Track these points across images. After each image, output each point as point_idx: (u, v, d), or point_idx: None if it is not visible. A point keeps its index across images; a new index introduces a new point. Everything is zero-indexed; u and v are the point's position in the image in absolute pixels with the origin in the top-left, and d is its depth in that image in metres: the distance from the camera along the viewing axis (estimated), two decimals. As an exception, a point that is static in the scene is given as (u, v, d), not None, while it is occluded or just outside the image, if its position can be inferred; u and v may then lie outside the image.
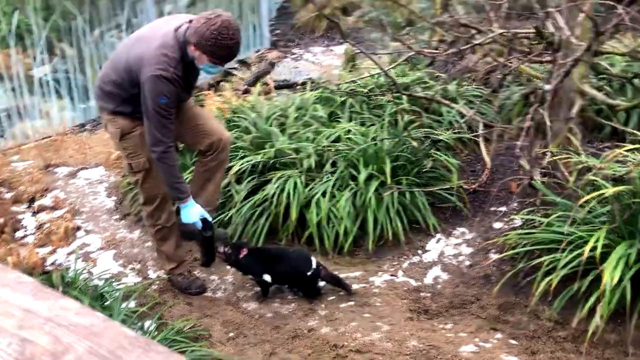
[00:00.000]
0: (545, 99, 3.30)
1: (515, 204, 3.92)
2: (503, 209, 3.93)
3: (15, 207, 4.58)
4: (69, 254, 3.96)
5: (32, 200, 4.66)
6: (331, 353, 2.93)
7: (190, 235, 3.46)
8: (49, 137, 5.94)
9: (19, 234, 4.26)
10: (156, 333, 3.00)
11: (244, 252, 3.37)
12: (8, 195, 4.73)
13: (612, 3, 3.04)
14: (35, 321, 0.70)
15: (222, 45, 2.80)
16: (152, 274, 3.76)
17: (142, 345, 0.66)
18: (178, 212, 3.33)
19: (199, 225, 3.23)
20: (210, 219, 3.29)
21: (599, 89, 4.72)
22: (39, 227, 4.28)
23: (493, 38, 4.02)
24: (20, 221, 4.41)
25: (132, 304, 3.29)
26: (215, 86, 7.37)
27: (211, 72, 3.09)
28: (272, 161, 4.16)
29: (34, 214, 4.49)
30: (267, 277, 3.39)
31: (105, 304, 3.20)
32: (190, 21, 2.90)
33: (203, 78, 7.56)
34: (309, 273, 3.32)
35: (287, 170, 4.06)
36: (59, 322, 0.70)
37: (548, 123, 3.05)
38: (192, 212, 3.19)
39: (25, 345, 0.64)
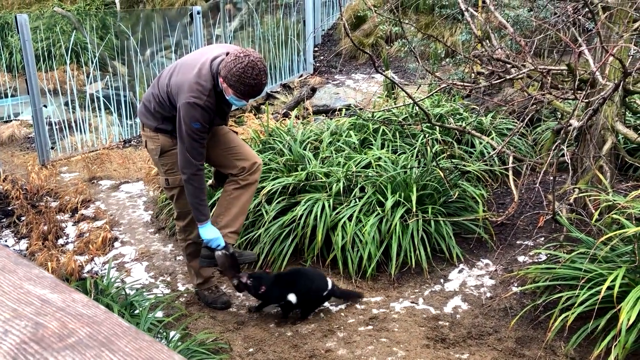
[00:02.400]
0: (573, 135, 3.32)
1: (542, 239, 3.93)
2: (529, 242, 3.93)
3: (59, 216, 4.84)
4: (105, 263, 4.16)
5: (75, 210, 4.91)
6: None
7: (209, 262, 3.52)
8: (96, 150, 6.24)
9: (60, 241, 4.50)
10: (179, 343, 3.12)
11: (263, 288, 3.44)
12: (54, 204, 5.00)
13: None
14: (49, 309, 0.82)
15: (245, 83, 2.98)
16: (181, 287, 3.92)
17: (132, 334, 0.77)
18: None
19: (221, 243, 3.36)
20: (222, 244, 3.39)
21: (636, 128, 4.69)
22: (79, 235, 4.52)
23: (526, 73, 4.07)
24: (63, 229, 4.66)
25: (159, 314, 3.44)
26: (257, 109, 7.61)
27: (236, 104, 3.25)
28: (302, 184, 4.29)
29: (76, 223, 4.73)
30: (292, 298, 3.49)
31: (134, 312, 3.36)
32: (227, 54, 3.09)
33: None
34: (325, 293, 3.45)
35: (316, 193, 4.18)
36: (68, 312, 0.82)
37: (568, 160, 3.07)
38: (210, 232, 3.36)
39: (38, 327, 0.77)
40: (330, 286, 3.50)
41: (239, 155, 3.50)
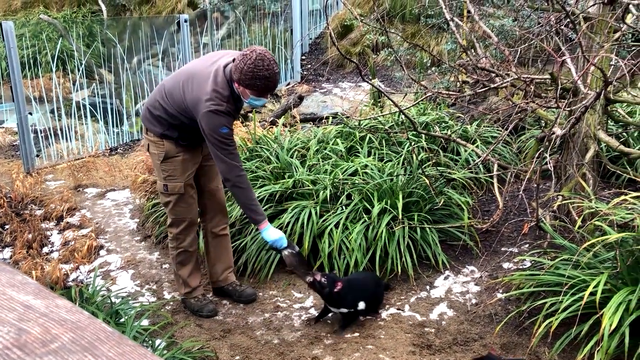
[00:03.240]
0: (556, 143, 3.37)
1: (526, 245, 3.97)
2: (513, 249, 3.97)
3: (44, 224, 4.81)
4: (90, 271, 4.13)
5: (60, 218, 4.88)
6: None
7: (292, 267, 3.59)
8: (82, 158, 6.21)
9: (45, 249, 4.46)
10: (165, 351, 3.11)
11: (339, 285, 3.38)
12: (39, 213, 4.97)
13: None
14: (32, 315, 0.83)
15: (260, 76, 2.97)
16: (167, 295, 3.90)
17: (116, 339, 0.78)
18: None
19: (284, 243, 3.41)
20: (285, 243, 3.44)
21: (618, 136, 4.76)
22: (65, 244, 4.49)
23: (510, 82, 4.13)
24: (47, 237, 4.63)
25: (145, 322, 3.42)
26: (244, 116, 7.61)
27: (256, 104, 3.23)
28: (289, 191, 4.30)
29: (61, 231, 4.70)
30: (361, 305, 3.47)
31: (120, 320, 3.34)
32: (234, 60, 3.11)
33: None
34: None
35: (303, 201, 4.19)
36: (52, 317, 0.82)
37: (551, 167, 3.12)
38: (272, 232, 3.38)
39: (20, 333, 0.77)
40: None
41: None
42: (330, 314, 3.57)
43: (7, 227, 4.67)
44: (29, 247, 4.38)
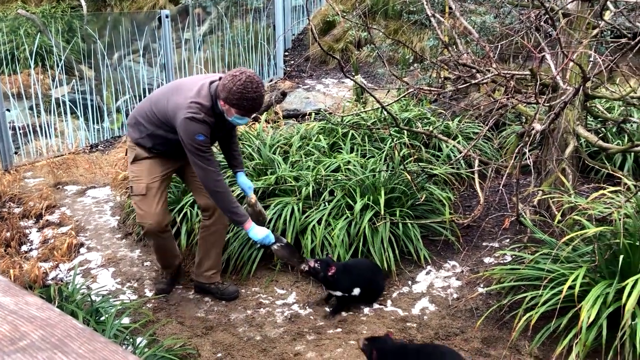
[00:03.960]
0: (536, 139, 3.40)
1: (507, 240, 4.00)
2: (494, 244, 4.00)
3: (23, 222, 4.74)
4: (70, 269, 4.08)
5: (39, 216, 4.82)
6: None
7: (285, 259, 3.68)
8: (62, 155, 6.14)
9: (24, 248, 4.40)
10: (146, 349, 3.08)
11: (332, 269, 3.47)
12: (17, 210, 4.89)
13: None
14: (0, 313, 0.81)
15: (248, 98, 3.07)
16: (149, 293, 3.87)
17: (87, 335, 0.77)
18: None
19: (272, 238, 3.45)
20: (273, 238, 3.48)
21: (597, 132, 4.82)
22: (44, 242, 4.43)
23: (491, 78, 4.15)
24: (26, 235, 4.56)
25: (126, 320, 3.39)
26: (226, 113, 7.58)
27: (239, 123, 3.33)
28: (272, 187, 4.28)
29: (40, 229, 4.64)
30: (356, 291, 3.53)
31: (100, 319, 3.30)
32: (220, 78, 3.20)
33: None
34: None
35: (285, 197, 4.19)
36: (21, 315, 0.81)
37: (531, 163, 3.14)
38: (258, 231, 3.42)
39: (-12, 331, 0.76)
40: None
41: (202, 191, 3.55)
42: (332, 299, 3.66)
43: (-16, 225, 4.59)
44: (7, 245, 4.31)
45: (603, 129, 4.90)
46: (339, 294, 3.56)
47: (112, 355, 0.73)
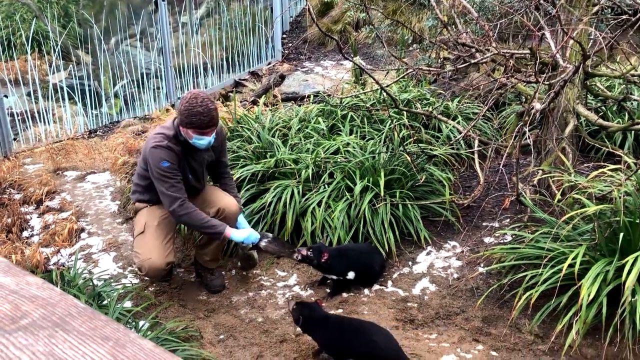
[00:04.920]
0: (536, 118, 3.38)
1: (507, 220, 4.01)
2: (494, 224, 4.01)
3: (24, 208, 4.74)
4: (72, 254, 4.09)
5: (40, 202, 4.82)
6: (316, 358, 3.02)
7: (276, 253, 3.73)
8: (61, 141, 6.12)
9: (25, 233, 4.41)
10: (149, 332, 3.11)
11: (325, 256, 3.49)
12: (17, 197, 4.89)
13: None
14: (1, 292, 0.81)
15: (195, 113, 3.16)
16: (150, 276, 3.88)
17: (88, 314, 0.77)
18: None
19: (256, 235, 3.47)
20: (257, 236, 3.51)
21: (597, 110, 4.80)
22: (45, 227, 4.43)
23: (490, 57, 4.13)
24: (27, 221, 4.57)
25: (128, 304, 3.41)
26: (225, 97, 7.55)
27: (200, 144, 3.32)
28: (271, 171, 4.28)
29: (41, 215, 4.64)
30: (351, 275, 3.56)
31: (103, 303, 3.32)
32: None
33: (216, 88, 7.74)
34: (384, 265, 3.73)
35: (285, 180, 4.18)
36: (22, 294, 0.81)
37: (531, 142, 3.13)
38: (240, 233, 3.44)
39: (-11, 310, 0.76)
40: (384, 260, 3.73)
41: (206, 204, 3.57)
42: (328, 281, 3.69)
43: (-15, 211, 4.60)
44: (9, 231, 4.32)
45: (603, 108, 4.88)
46: (334, 277, 3.59)
47: (113, 333, 0.73)
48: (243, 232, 3.47)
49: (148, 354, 0.69)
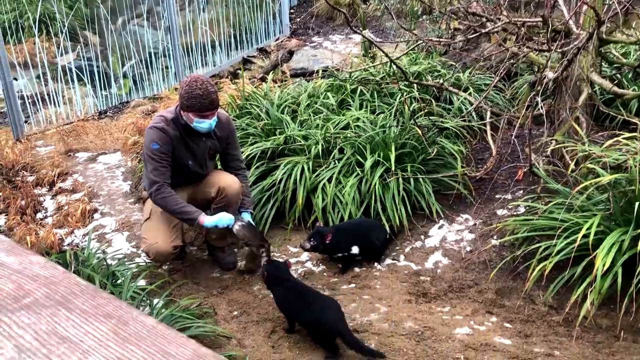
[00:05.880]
0: (549, 87, 3.32)
1: (520, 192, 3.97)
2: (507, 196, 3.97)
3: (37, 190, 4.78)
4: (85, 234, 4.13)
5: (52, 184, 4.85)
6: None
7: (245, 239, 3.49)
8: (71, 123, 6.14)
9: (39, 215, 4.45)
10: (164, 310, 3.13)
11: (329, 237, 3.49)
12: (30, 179, 4.93)
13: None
14: (4, 272, 0.80)
15: (195, 96, 3.18)
16: (164, 255, 3.90)
17: (90, 292, 0.76)
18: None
19: (230, 218, 3.33)
20: (230, 220, 3.36)
21: (612, 78, 4.70)
22: (58, 209, 4.47)
23: (501, 26, 4.04)
24: (41, 203, 4.60)
25: (142, 283, 3.43)
26: (233, 74, 7.50)
27: (201, 127, 3.31)
28: (281, 147, 4.26)
29: (54, 196, 4.68)
30: (355, 250, 3.56)
31: (117, 282, 3.35)
32: None
33: (224, 65, 7.69)
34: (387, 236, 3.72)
35: (295, 157, 4.16)
36: (25, 274, 0.80)
37: (543, 112, 3.08)
38: (220, 218, 3.31)
39: (-8, 290, 0.75)
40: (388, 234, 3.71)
41: (207, 185, 3.56)
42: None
43: (-1, 194, 4.64)
44: (23, 213, 4.36)
45: (618, 75, 4.78)
46: (339, 254, 3.60)
47: (116, 310, 0.73)
48: (214, 217, 3.34)
49: (150, 331, 0.68)
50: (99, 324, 0.70)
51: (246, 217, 3.51)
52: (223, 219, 3.32)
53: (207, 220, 3.31)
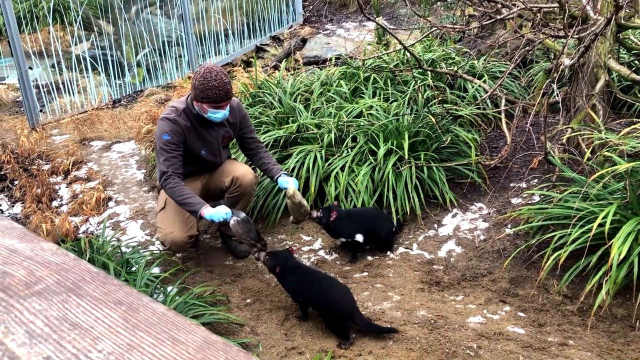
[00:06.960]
0: (565, 74, 3.27)
1: (535, 180, 3.93)
2: (522, 184, 3.93)
3: (52, 178, 4.82)
4: (100, 222, 4.16)
5: (67, 172, 4.89)
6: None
7: (238, 235, 3.41)
8: (86, 111, 6.17)
9: (54, 203, 4.49)
10: (177, 297, 3.15)
11: (334, 214, 3.48)
12: (46, 167, 4.97)
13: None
14: (16, 259, 0.81)
15: (210, 87, 3.16)
16: (177, 243, 3.92)
17: (101, 279, 0.76)
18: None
19: (227, 212, 3.25)
20: (227, 214, 3.27)
21: (630, 64, 4.62)
22: (73, 197, 4.51)
23: (517, 12, 3.98)
24: (56, 191, 4.65)
25: (156, 270, 3.46)
26: (246, 63, 7.49)
27: (215, 118, 3.30)
28: (293, 136, 4.25)
29: (69, 184, 4.72)
30: (359, 238, 3.53)
31: (131, 269, 3.38)
32: None
33: (237, 54, 7.68)
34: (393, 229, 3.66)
35: (308, 145, 4.15)
36: (36, 260, 0.81)
37: (559, 99, 3.03)
38: (216, 211, 3.23)
39: (4, 276, 0.76)
40: (394, 226, 3.67)
41: (221, 175, 3.57)
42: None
43: (16, 182, 4.69)
44: (39, 201, 4.40)
45: (637, 62, 4.70)
46: (342, 240, 3.58)
47: (126, 297, 0.73)
48: (212, 210, 3.25)
49: (160, 318, 0.68)
50: (110, 311, 0.70)
51: (281, 180, 3.48)
52: (219, 212, 3.22)
53: (206, 212, 3.24)
